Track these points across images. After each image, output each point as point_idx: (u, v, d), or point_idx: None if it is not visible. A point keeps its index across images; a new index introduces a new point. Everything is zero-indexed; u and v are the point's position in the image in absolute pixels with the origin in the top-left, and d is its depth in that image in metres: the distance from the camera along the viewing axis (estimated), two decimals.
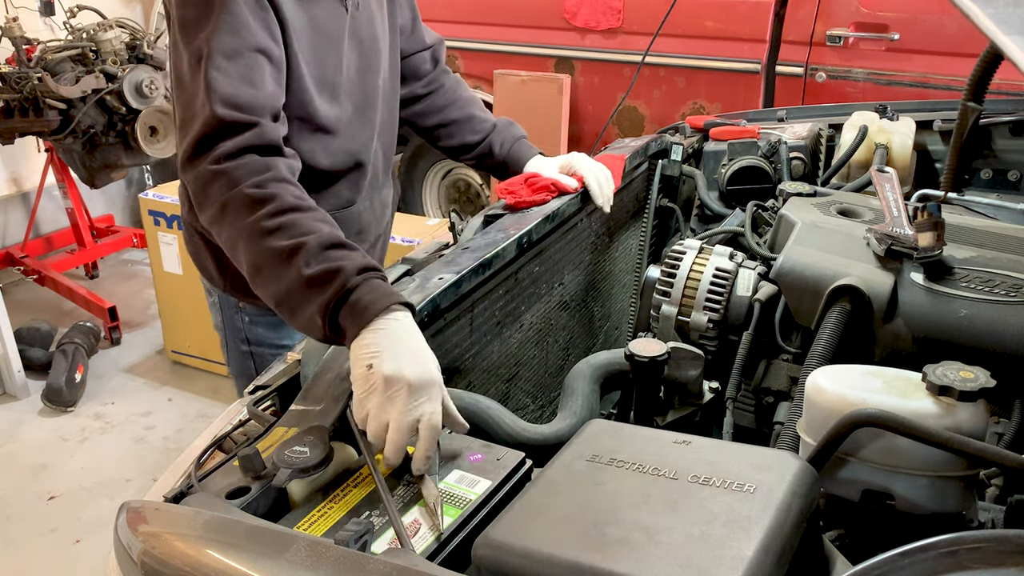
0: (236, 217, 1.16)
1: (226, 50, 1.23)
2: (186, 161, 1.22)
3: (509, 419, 1.10)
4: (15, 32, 3.70)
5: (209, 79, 1.21)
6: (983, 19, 1.24)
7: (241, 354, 1.67)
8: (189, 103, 1.24)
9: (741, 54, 3.30)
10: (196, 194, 1.22)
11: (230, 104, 1.20)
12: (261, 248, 1.14)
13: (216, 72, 1.21)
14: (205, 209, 1.21)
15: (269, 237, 1.13)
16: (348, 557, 0.75)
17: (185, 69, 1.26)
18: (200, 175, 1.20)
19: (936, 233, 1.24)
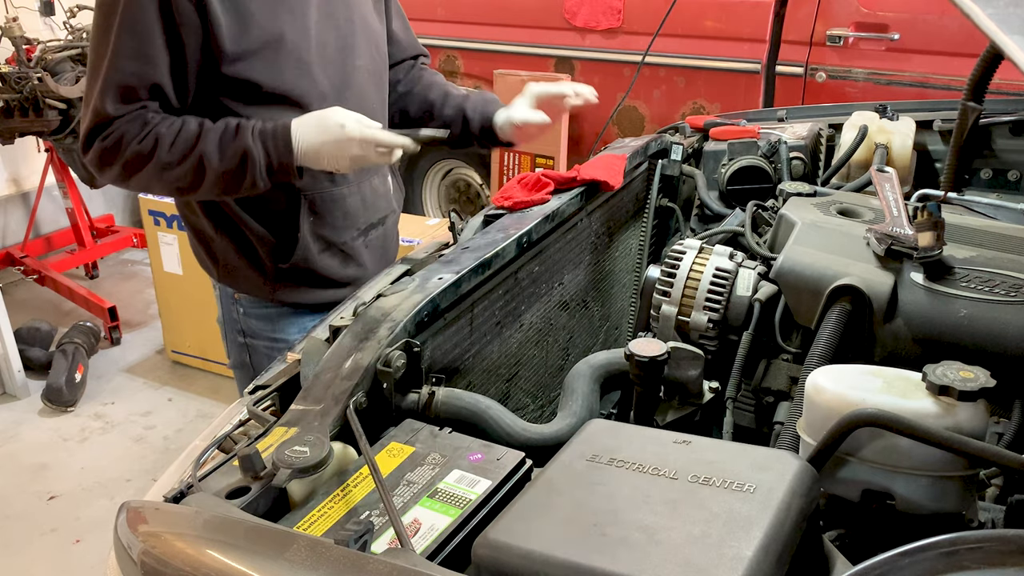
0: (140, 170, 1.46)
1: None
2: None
3: (509, 419, 1.10)
4: (15, 32, 3.71)
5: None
6: (983, 19, 1.24)
7: (238, 346, 1.71)
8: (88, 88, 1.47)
9: (741, 54, 3.31)
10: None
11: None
12: (176, 178, 1.46)
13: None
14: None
15: (174, 168, 1.44)
16: (348, 557, 0.75)
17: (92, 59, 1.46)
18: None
19: (936, 233, 1.23)
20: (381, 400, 1.08)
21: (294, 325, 1.66)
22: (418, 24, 3.92)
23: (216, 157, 1.43)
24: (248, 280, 1.63)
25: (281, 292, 1.63)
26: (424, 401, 1.10)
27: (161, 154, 1.43)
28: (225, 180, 1.45)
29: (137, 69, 1.42)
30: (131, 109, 1.43)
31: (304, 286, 1.64)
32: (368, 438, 0.96)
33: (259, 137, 1.44)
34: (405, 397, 1.11)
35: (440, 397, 1.10)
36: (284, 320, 1.66)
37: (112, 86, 1.43)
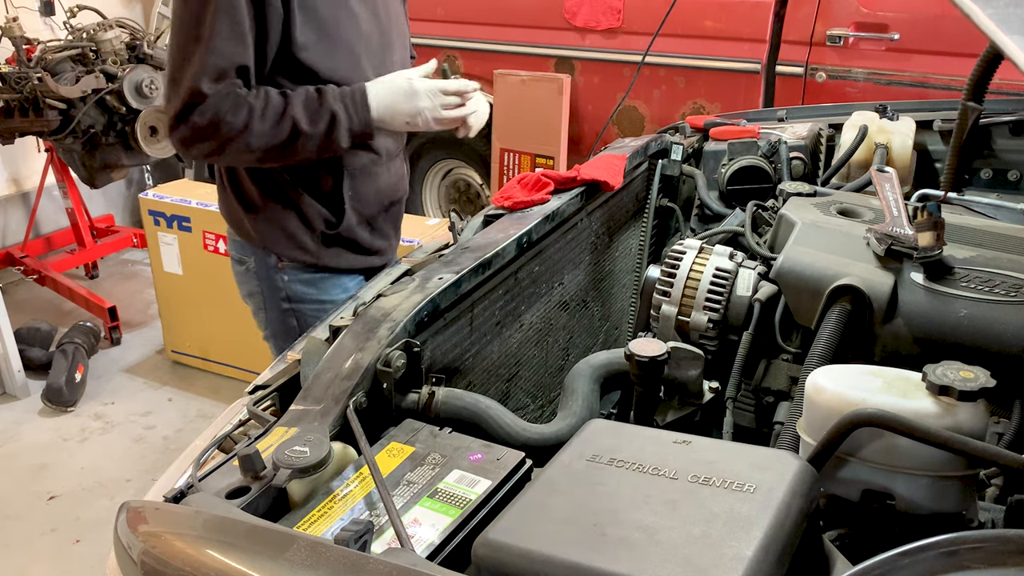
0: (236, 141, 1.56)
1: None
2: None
3: (509, 419, 1.10)
4: (15, 32, 3.70)
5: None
6: (983, 19, 1.24)
7: (281, 312, 1.81)
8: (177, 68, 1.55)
9: (741, 54, 3.31)
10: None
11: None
12: (268, 146, 1.57)
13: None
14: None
15: (256, 139, 1.56)
16: (348, 557, 0.75)
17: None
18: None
19: (936, 233, 1.23)
20: (381, 400, 1.08)
21: (336, 287, 1.80)
22: (418, 24, 3.92)
23: (305, 122, 1.57)
24: (296, 246, 1.75)
25: (326, 256, 1.77)
26: (424, 401, 1.11)
27: (254, 125, 1.54)
28: (312, 142, 1.59)
29: (232, 51, 1.53)
30: (223, 88, 1.53)
31: (346, 251, 1.79)
32: (368, 438, 0.96)
33: (340, 100, 1.59)
34: (405, 397, 1.11)
35: (440, 397, 1.10)
36: (327, 283, 1.80)
37: (210, 66, 1.51)
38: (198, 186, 3.74)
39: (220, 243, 3.41)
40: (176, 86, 1.55)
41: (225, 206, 1.86)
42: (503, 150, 3.98)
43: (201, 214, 3.41)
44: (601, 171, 1.68)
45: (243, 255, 1.83)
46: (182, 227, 3.47)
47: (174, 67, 1.56)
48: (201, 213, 3.41)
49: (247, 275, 1.84)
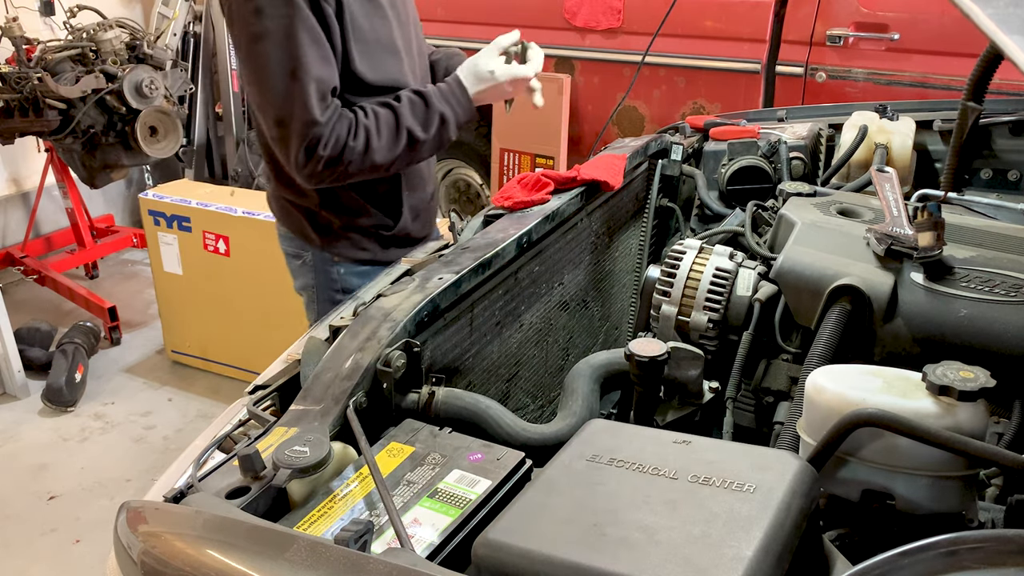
0: (359, 158, 1.60)
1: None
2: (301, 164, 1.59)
3: (509, 419, 1.10)
4: (15, 32, 3.70)
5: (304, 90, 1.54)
6: (983, 19, 1.24)
7: (334, 304, 1.84)
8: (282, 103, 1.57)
9: (741, 54, 3.31)
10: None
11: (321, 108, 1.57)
12: (391, 159, 1.64)
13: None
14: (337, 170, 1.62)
15: (380, 152, 1.61)
16: (348, 557, 0.75)
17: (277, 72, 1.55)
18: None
19: (936, 233, 1.24)
20: (381, 400, 1.08)
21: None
22: None
23: (420, 129, 1.64)
24: (357, 248, 1.84)
25: (383, 254, 1.86)
26: (424, 401, 1.11)
27: (373, 142, 1.60)
28: (429, 145, 1.68)
29: (328, 75, 1.57)
30: (330, 111, 1.57)
31: (398, 247, 1.86)
32: (368, 438, 0.96)
33: (444, 100, 1.68)
34: (405, 397, 1.11)
35: (440, 397, 1.10)
36: (376, 275, 1.82)
37: (315, 94, 1.54)
38: (198, 186, 3.75)
39: (220, 243, 3.41)
40: (286, 127, 1.55)
41: (279, 208, 1.90)
42: (503, 150, 3.98)
43: (201, 214, 3.41)
44: (601, 171, 1.68)
45: (300, 250, 1.90)
46: (182, 227, 3.47)
47: (279, 108, 1.55)
48: (201, 213, 3.41)
49: (303, 268, 1.91)
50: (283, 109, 1.55)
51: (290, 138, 1.56)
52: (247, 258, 3.36)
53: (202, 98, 4.78)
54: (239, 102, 4.82)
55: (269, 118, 1.58)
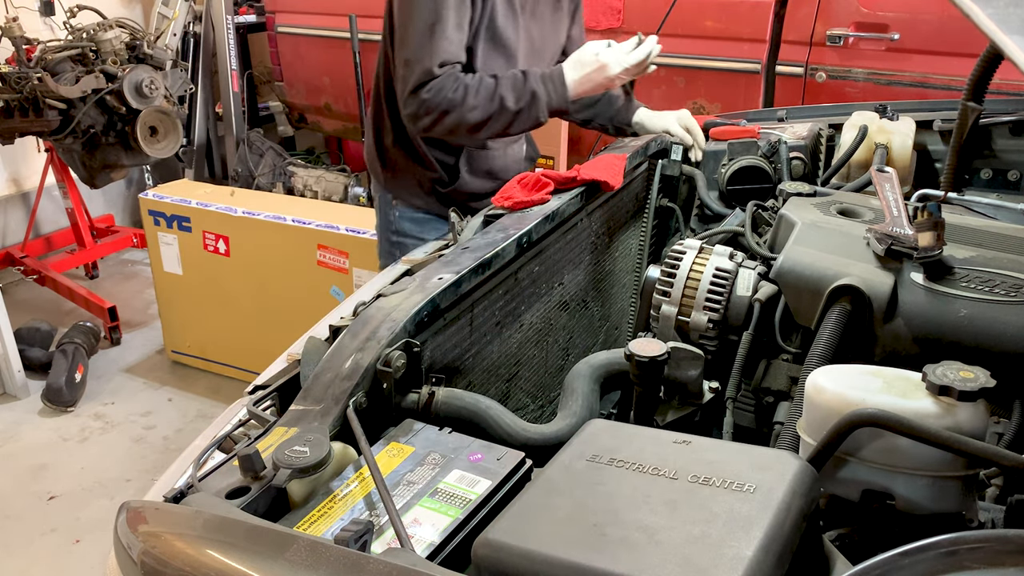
0: (460, 112, 1.80)
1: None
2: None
3: (509, 419, 1.10)
4: (15, 32, 3.70)
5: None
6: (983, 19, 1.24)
7: (390, 244, 2.15)
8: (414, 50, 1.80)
9: (741, 54, 3.31)
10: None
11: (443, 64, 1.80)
12: (488, 115, 1.81)
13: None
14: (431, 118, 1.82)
15: (480, 109, 1.80)
16: (348, 557, 0.75)
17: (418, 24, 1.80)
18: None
19: (936, 233, 1.23)
20: (381, 400, 1.08)
21: (436, 230, 2.06)
22: None
23: (512, 100, 1.81)
24: (412, 191, 2.07)
25: (437, 207, 2.06)
26: (424, 401, 1.10)
27: (469, 99, 1.79)
28: (516, 117, 1.83)
29: (457, 40, 1.81)
30: (446, 69, 1.80)
31: (460, 203, 1.97)
32: (368, 438, 0.96)
33: (542, 81, 1.84)
34: (405, 397, 1.11)
35: (440, 397, 1.10)
36: (429, 224, 2.09)
37: (440, 51, 1.78)
38: (198, 186, 3.75)
39: (220, 243, 3.41)
40: (410, 67, 1.80)
41: (368, 150, 2.16)
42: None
43: (201, 214, 3.41)
44: (601, 171, 1.68)
45: (374, 192, 2.19)
46: (182, 227, 3.47)
47: (410, 50, 1.80)
48: (201, 213, 3.41)
49: (376, 211, 2.19)
50: (413, 52, 1.79)
51: (409, 77, 1.80)
52: (247, 258, 3.36)
53: (202, 98, 4.78)
54: (239, 102, 4.82)
55: (401, 56, 1.83)
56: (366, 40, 4.13)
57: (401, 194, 2.09)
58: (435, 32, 1.78)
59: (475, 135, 1.88)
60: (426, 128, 1.84)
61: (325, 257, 3.17)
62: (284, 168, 4.64)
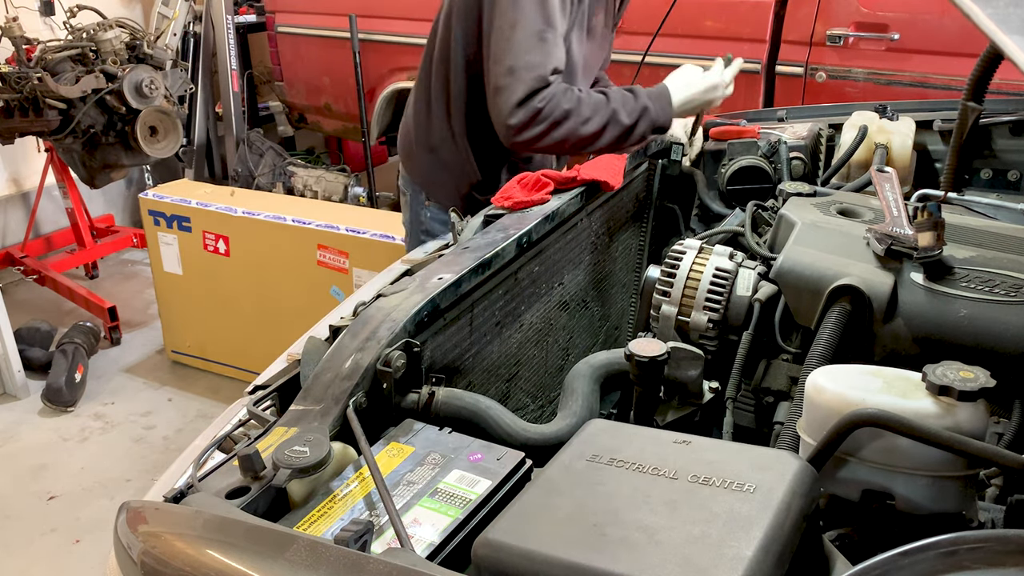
0: (571, 123, 1.76)
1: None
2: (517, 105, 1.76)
3: (509, 419, 1.10)
4: (15, 32, 3.70)
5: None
6: (983, 19, 1.24)
7: (419, 242, 2.12)
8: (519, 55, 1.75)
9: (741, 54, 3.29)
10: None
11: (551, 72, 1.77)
12: (599, 128, 1.79)
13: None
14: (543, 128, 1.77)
15: (593, 122, 1.78)
16: (348, 557, 0.75)
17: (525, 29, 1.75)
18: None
19: (936, 233, 1.23)
20: (381, 400, 1.08)
21: None
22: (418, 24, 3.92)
23: (625, 113, 1.80)
24: (448, 194, 2.06)
25: (465, 208, 1.98)
26: (424, 401, 1.10)
27: (583, 110, 1.76)
28: (627, 132, 1.81)
29: (563, 49, 1.80)
30: (557, 79, 1.77)
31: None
32: (368, 438, 0.96)
33: (649, 97, 1.84)
34: (405, 397, 1.11)
35: (440, 397, 1.10)
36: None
37: (553, 58, 1.75)
38: (198, 186, 3.75)
39: (220, 243, 3.41)
40: (517, 75, 1.73)
41: (405, 146, 2.15)
42: None
43: (201, 214, 3.41)
44: (601, 171, 1.68)
45: (405, 188, 2.17)
46: (182, 227, 3.47)
47: (516, 57, 1.73)
48: (201, 213, 3.41)
49: (405, 206, 2.19)
50: (521, 59, 1.72)
51: (516, 85, 1.73)
52: (247, 258, 3.36)
53: (202, 98, 4.78)
54: (239, 102, 4.82)
55: (502, 64, 1.75)
56: (366, 40, 4.13)
57: (435, 194, 2.09)
58: (546, 38, 1.74)
59: (584, 148, 1.84)
60: (534, 139, 1.77)
61: (325, 257, 3.17)
62: (284, 168, 4.64)
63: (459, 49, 1.91)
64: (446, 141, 2.01)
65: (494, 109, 1.79)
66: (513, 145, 1.82)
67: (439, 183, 2.08)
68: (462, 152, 2.00)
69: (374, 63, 4.19)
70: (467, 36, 1.89)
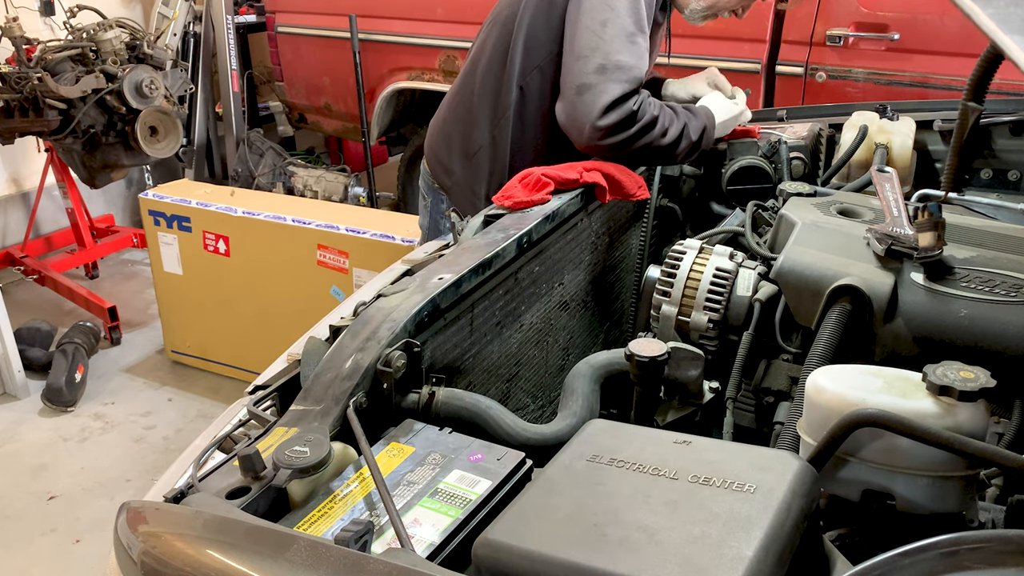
0: (649, 133, 1.73)
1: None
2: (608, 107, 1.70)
3: (509, 419, 1.10)
4: (15, 32, 3.70)
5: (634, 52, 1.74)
6: (983, 19, 1.24)
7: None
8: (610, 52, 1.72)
9: (741, 54, 3.30)
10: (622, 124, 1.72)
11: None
12: (673, 140, 1.76)
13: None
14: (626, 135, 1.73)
15: (670, 134, 1.75)
16: (348, 557, 0.75)
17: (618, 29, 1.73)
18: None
19: (936, 233, 1.23)
20: (381, 400, 1.08)
21: None
22: (418, 24, 3.93)
23: (692, 129, 1.79)
24: (469, 201, 2.02)
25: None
26: (424, 401, 1.11)
27: (663, 121, 1.74)
28: (690, 147, 1.80)
29: (647, 59, 1.79)
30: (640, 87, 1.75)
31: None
32: (368, 438, 0.96)
33: (705, 118, 1.83)
34: (405, 397, 1.11)
35: (440, 397, 1.10)
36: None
37: (644, 63, 1.74)
38: (198, 186, 3.74)
39: (220, 243, 3.41)
40: (609, 74, 1.68)
41: (435, 152, 2.11)
42: None
43: (201, 214, 3.41)
44: (617, 171, 1.68)
45: (427, 194, 2.17)
46: (182, 227, 3.47)
47: (607, 56, 1.69)
48: (201, 213, 3.41)
49: (424, 210, 2.19)
50: (611, 58, 1.68)
51: (608, 85, 1.67)
52: (247, 258, 3.36)
53: (202, 98, 4.78)
54: (239, 102, 4.82)
55: (590, 62, 1.69)
56: (366, 40, 4.13)
57: (459, 202, 2.06)
58: (637, 41, 1.71)
59: (654, 159, 1.82)
60: (621, 143, 1.71)
61: (325, 257, 3.17)
62: (284, 168, 4.64)
63: (517, 58, 1.87)
64: (485, 149, 1.99)
65: (578, 107, 1.70)
66: (592, 148, 1.74)
67: (463, 189, 2.06)
68: (500, 162, 1.97)
69: (374, 63, 4.18)
70: (532, 43, 1.85)
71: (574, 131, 1.74)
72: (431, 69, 3.96)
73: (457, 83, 2.08)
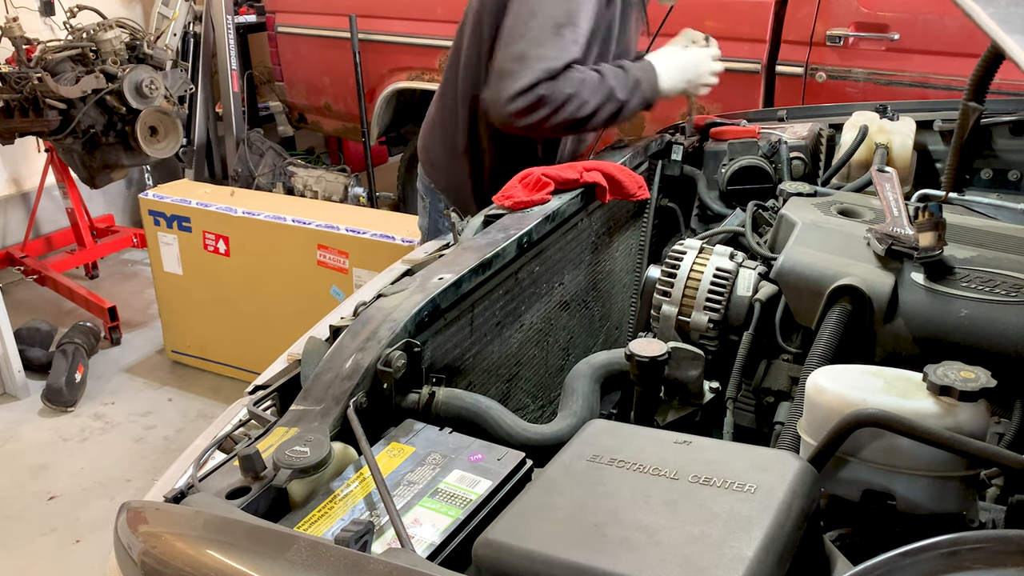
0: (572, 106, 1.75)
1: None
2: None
3: (509, 419, 1.10)
4: (15, 32, 3.70)
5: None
6: (984, 18, 1.24)
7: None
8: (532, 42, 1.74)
9: (741, 54, 3.30)
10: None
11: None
12: (595, 108, 1.77)
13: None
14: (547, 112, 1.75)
15: (589, 104, 1.76)
16: (348, 557, 0.75)
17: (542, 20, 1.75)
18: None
19: (937, 233, 1.23)
20: (381, 400, 1.08)
21: None
22: (418, 24, 3.92)
23: (619, 89, 1.79)
24: (466, 199, 2.05)
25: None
26: (424, 401, 1.10)
27: (583, 92, 1.75)
28: (619, 108, 1.81)
29: (582, 46, 1.78)
30: (567, 72, 1.74)
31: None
32: (368, 438, 0.96)
33: (641, 70, 1.84)
34: (405, 397, 1.11)
35: (440, 397, 1.10)
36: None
37: (568, 53, 1.74)
38: (198, 186, 3.74)
39: (220, 243, 3.41)
40: (526, 62, 1.72)
41: (427, 152, 2.14)
42: None
43: (201, 214, 3.41)
44: (619, 172, 1.67)
45: (425, 195, 2.19)
46: (182, 227, 3.47)
47: (528, 45, 1.72)
48: (201, 213, 3.41)
49: (423, 211, 2.21)
50: (533, 49, 1.72)
51: (522, 71, 1.71)
52: (247, 258, 3.36)
53: (202, 98, 4.78)
54: (239, 102, 4.82)
55: (512, 49, 1.74)
56: (366, 40, 4.13)
57: (455, 200, 2.08)
58: (563, 33, 1.74)
59: (580, 127, 1.84)
60: (535, 124, 1.76)
61: (325, 257, 3.17)
62: (284, 168, 4.63)
63: (487, 52, 1.89)
64: (472, 146, 2.01)
65: (493, 91, 1.76)
66: (509, 128, 1.80)
67: (459, 188, 2.07)
68: (487, 157, 1.99)
69: (374, 63, 4.18)
70: (495, 37, 1.89)
71: (492, 114, 1.79)
72: (431, 69, 3.96)
73: (443, 81, 2.09)
